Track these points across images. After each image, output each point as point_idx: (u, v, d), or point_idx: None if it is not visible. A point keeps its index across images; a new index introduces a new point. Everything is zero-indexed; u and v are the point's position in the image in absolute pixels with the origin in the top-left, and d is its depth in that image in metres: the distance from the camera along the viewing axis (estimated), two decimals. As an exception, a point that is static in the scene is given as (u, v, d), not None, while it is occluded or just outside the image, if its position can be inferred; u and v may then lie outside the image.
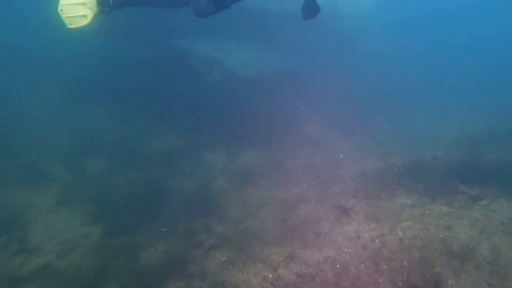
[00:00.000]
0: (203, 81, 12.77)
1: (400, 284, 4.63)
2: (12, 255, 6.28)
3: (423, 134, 11.47)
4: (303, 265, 5.35)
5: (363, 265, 5.11)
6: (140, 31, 12.48)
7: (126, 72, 12.75)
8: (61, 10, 5.54)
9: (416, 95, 16.15)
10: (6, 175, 8.59)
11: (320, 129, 12.28)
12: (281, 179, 8.71)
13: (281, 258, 5.62)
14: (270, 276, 5.28)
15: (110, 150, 9.91)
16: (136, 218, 7.26)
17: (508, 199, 6.07)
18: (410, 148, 9.91)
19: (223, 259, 5.87)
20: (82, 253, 6.28)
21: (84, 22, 5.62)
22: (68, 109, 11.63)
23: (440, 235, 5.38)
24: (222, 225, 6.94)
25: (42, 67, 13.20)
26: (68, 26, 5.69)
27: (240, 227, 6.67)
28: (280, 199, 7.64)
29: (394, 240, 5.47)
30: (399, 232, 5.60)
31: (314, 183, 8.18)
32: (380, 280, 4.76)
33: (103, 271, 5.75)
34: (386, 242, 5.46)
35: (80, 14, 5.57)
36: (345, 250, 5.48)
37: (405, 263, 4.97)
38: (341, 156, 10.00)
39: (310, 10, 5.51)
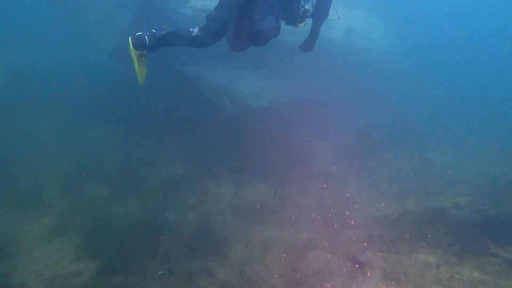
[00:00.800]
0: (213, 109, 12.49)
1: None
2: (-8, 293, 5.79)
3: (440, 175, 10.89)
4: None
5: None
6: (153, 56, 12.34)
7: (135, 95, 12.56)
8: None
9: (430, 128, 15.65)
10: (1, 198, 8.20)
11: (331, 164, 11.79)
12: (290, 218, 8.17)
13: (287, 316, 5.04)
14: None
15: (112, 175, 9.52)
16: (132, 255, 6.75)
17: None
18: (427, 191, 9.32)
19: (222, 312, 5.29)
20: (70, 294, 5.76)
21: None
22: (73, 130, 11.38)
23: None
24: (224, 269, 6.39)
25: (50, 86, 13.12)
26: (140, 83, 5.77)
27: (243, 276, 6.10)
28: (288, 242, 7.08)
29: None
30: (424, 300, 4.94)
31: (324, 226, 7.61)
32: None
33: (90, 318, 5.21)
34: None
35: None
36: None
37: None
38: (353, 196, 9.44)
39: (308, 44, 5.87)
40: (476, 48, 26.92)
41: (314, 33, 5.71)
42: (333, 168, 11.38)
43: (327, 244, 6.69)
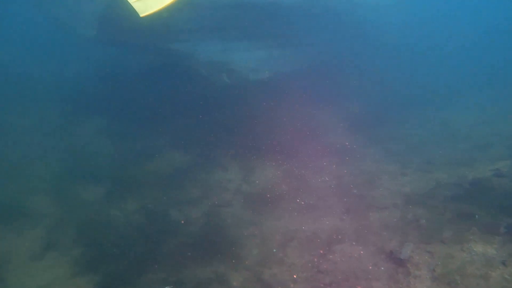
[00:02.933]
0: (211, 87, 11.42)
1: None
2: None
3: (467, 136, 9.85)
4: None
5: None
6: (138, 36, 11.14)
7: (124, 83, 11.51)
8: None
9: (447, 89, 14.48)
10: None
11: (342, 135, 10.81)
12: (307, 203, 7.29)
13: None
14: None
15: (107, 174, 8.66)
16: (134, 266, 5.96)
17: None
18: (457, 157, 8.33)
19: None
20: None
21: (161, 4, 4.12)
22: (61, 127, 10.46)
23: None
24: (238, 273, 5.57)
25: (34, 82, 12.10)
26: (141, 15, 4.23)
27: (262, 281, 5.27)
28: (309, 234, 6.22)
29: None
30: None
31: (348, 210, 6.73)
32: None
33: None
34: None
35: None
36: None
37: None
38: (373, 170, 8.50)
39: None
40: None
41: None
42: (347, 141, 10.41)
43: (354, 234, 5.82)
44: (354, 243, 5.53)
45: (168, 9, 4.14)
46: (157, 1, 4.00)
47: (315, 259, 5.37)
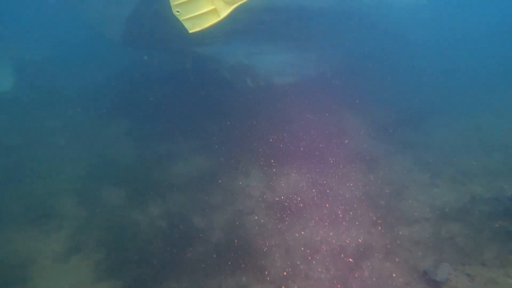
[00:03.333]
0: (234, 91, 11.32)
1: None
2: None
3: (503, 145, 9.33)
4: None
5: None
6: (165, 39, 11.18)
7: (149, 86, 11.59)
8: (177, 11, 3.85)
9: (477, 92, 13.84)
10: (14, 212, 7.54)
11: (369, 141, 10.48)
12: (333, 213, 7.06)
13: None
14: None
15: (130, 177, 8.68)
16: (156, 273, 5.91)
17: None
18: (493, 169, 7.89)
19: None
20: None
21: (213, 19, 3.93)
22: (87, 130, 10.62)
23: None
24: (261, 286, 5.41)
25: (61, 84, 12.37)
26: (190, 31, 4.00)
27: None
28: (335, 247, 6.00)
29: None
30: None
31: (376, 222, 6.46)
32: None
33: None
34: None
35: (206, 9, 3.91)
36: None
37: None
38: (402, 180, 8.16)
39: None
40: None
41: None
42: (373, 147, 10.07)
43: (384, 249, 5.55)
44: (383, 260, 5.27)
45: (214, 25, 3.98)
46: (206, 20, 3.86)
47: (342, 275, 5.14)
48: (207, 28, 3.99)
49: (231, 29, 10.95)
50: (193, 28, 3.91)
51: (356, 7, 12.62)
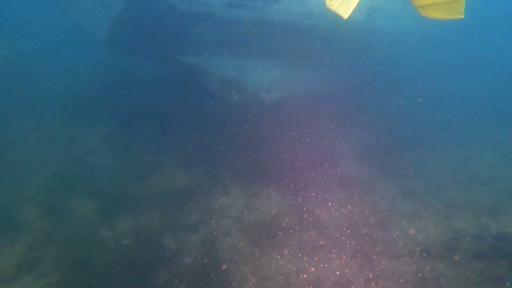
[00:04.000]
0: (220, 104, 10.99)
1: None
2: None
3: (490, 179, 9.19)
4: None
5: None
6: (151, 45, 10.82)
7: (132, 91, 11.15)
8: (330, 2, 3.77)
9: (469, 124, 13.83)
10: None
11: (355, 166, 10.22)
12: (312, 241, 6.69)
13: None
14: None
15: (102, 188, 8.17)
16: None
17: None
18: (478, 203, 7.69)
19: None
20: None
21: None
22: (63, 133, 10.07)
23: None
24: (231, 320, 4.97)
25: (41, 83, 11.80)
26: (345, 18, 3.89)
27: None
28: (313, 279, 5.62)
29: None
30: None
31: (356, 254, 6.12)
32: None
33: None
34: None
35: None
36: None
37: None
38: (386, 208, 7.89)
39: None
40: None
41: None
42: (359, 173, 9.82)
43: (364, 285, 5.20)
44: (363, 298, 4.92)
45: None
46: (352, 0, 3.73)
47: (319, 314, 4.75)
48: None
49: (221, 40, 10.70)
50: (347, 12, 3.77)
51: (349, 28, 12.55)
